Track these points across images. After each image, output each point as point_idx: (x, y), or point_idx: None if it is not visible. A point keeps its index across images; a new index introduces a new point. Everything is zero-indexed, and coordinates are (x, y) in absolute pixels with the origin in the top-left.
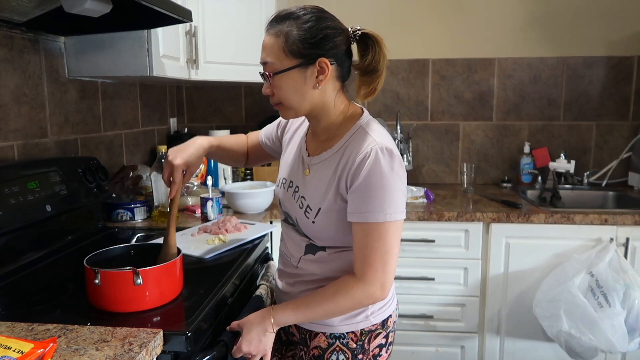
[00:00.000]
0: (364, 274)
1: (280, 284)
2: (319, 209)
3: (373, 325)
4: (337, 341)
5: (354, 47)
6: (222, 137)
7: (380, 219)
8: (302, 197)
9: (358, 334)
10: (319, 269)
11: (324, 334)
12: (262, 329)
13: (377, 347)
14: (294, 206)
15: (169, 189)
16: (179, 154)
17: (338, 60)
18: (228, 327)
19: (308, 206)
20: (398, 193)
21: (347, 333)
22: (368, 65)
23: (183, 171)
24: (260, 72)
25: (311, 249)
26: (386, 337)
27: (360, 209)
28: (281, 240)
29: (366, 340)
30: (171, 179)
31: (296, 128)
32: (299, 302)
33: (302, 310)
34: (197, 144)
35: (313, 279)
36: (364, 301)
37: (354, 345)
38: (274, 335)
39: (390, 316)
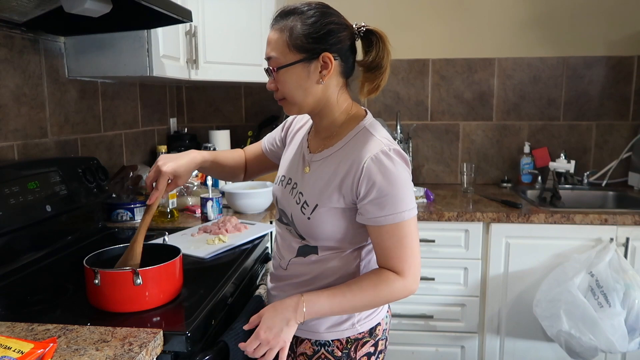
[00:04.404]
0: (401, 270)
1: (270, 286)
2: (316, 205)
3: (360, 334)
4: (323, 349)
5: (358, 44)
6: (218, 152)
7: (405, 218)
8: (300, 192)
9: (344, 342)
10: (308, 272)
11: (309, 340)
12: (288, 317)
13: (364, 355)
14: (290, 202)
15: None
16: (170, 162)
17: (342, 55)
18: (245, 326)
19: (305, 202)
20: (411, 188)
21: (332, 341)
22: (372, 62)
23: (169, 179)
24: (265, 68)
25: (303, 251)
26: (375, 345)
27: (385, 212)
28: (274, 242)
29: (352, 349)
30: (154, 184)
31: (299, 127)
32: (332, 292)
33: (338, 299)
34: (191, 156)
35: (301, 281)
36: (402, 294)
37: (340, 354)
38: (296, 328)
39: (379, 324)
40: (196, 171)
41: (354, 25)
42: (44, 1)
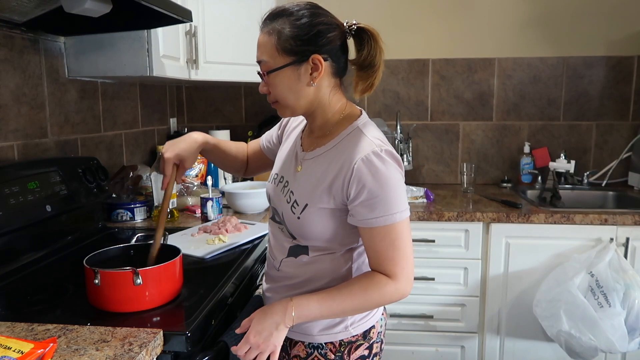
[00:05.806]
0: (394, 273)
1: (265, 287)
2: (306, 204)
3: (353, 337)
4: (316, 351)
5: (350, 42)
6: (221, 140)
7: (397, 219)
8: (291, 191)
9: (337, 345)
10: (300, 274)
11: (303, 343)
12: (277, 321)
13: (358, 358)
14: (281, 201)
15: None
16: (171, 147)
17: (333, 56)
18: (237, 330)
19: (295, 201)
20: (403, 190)
21: (325, 343)
22: (364, 60)
23: (175, 164)
24: (257, 71)
25: (294, 251)
26: (369, 348)
27: (376, 214)
28: (268, 241)
29: (346, 352)
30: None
31: (295, 126)
32: (322, 296)
33: (328, 302)
34: (192, 138)
35: (294, 283)
36: (394, 298)
37: (333, 357)
38: (286, 331)
39: (373, 327)
40: (196, 171)
41: (344, 24)
42: (44, 1)
